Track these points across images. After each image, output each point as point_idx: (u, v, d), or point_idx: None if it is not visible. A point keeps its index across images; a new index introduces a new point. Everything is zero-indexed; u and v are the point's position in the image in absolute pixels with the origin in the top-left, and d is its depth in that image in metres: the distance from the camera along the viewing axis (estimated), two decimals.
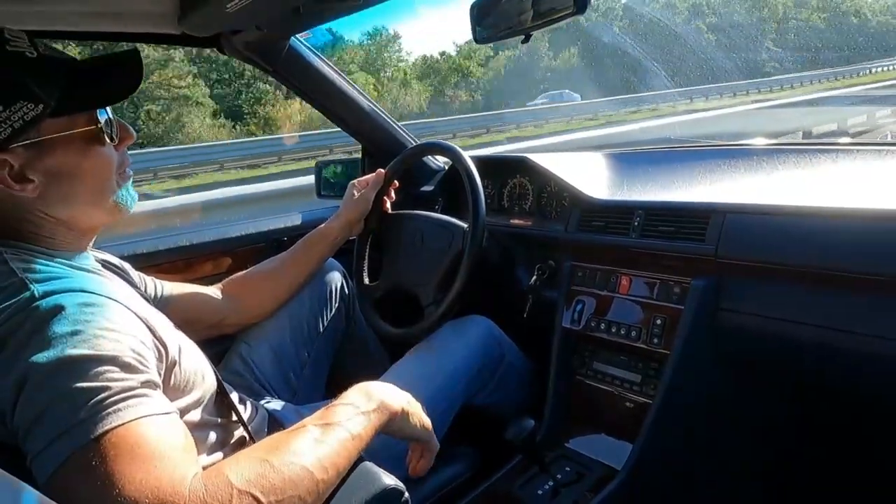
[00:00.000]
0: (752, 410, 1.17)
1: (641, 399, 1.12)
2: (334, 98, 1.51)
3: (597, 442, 1.15)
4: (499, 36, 1.10)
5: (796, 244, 0.95)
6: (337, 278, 1.28)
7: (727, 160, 1.30)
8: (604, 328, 1.17)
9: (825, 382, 1.07)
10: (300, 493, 0.60)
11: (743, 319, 1.02)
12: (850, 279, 0.89)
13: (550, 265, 1.32)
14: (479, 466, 1.13)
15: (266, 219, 1.54)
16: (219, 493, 0.55)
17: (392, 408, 0.78)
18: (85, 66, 0.72)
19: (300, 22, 1.25)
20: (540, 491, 1.05)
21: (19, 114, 0.64)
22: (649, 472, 1.05)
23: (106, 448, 0.54)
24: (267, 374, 1.15)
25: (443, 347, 1.18)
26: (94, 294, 0.63)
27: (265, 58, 1.36)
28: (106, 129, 0.72)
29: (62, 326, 0.58)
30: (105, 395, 0.56)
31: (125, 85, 0.73)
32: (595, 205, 1.24)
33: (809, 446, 1.22)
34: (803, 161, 1.19)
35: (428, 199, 1.62)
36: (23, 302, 0.60)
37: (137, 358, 0.61)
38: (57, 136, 0.68)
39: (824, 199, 0.97)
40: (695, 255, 1.05)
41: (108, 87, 0.72)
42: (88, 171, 0.72)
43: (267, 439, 0.67)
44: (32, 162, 0.67)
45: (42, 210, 0.70)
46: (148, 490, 0.53)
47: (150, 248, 1.31)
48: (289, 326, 1.19)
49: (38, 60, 0.67)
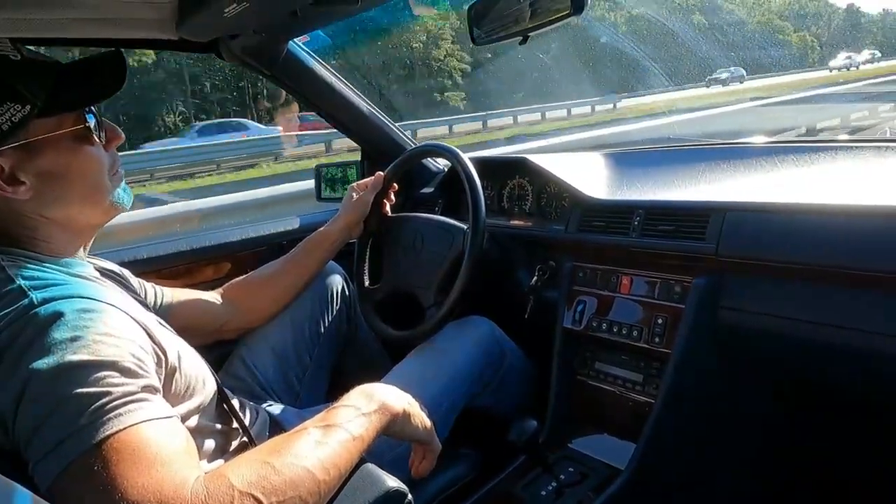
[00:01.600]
0: (755, 408, 1.17)
1: (644, 399, 1.12)
2: (333, 101, 1.51)
3: (600, 442, 1.15)
4: (496, 37, 1.10)
5: (797, 242, 0.94)
6: (338, 281, 1.28)
7: (727, 159, 1.30)
8: (605, 328, 1.17)
9: (827, 380, 1.07)
10: (301, 495, 0.60)
11: (744, 318, 1.02)
12: (851, 276, 0.89)
13: (551, 266, 1.32)
14: (482, 468, 1.13)
15: (266, 223, 1.54)
16: (220, 495, 0.55)
17: (394, 409, 0.78)
18: (69, 67, 0.72)
19: (298, 26, 1.26)
20: (543, 492, 1.04)
21: (7, 115, 0.65)
22: (653, 471, 1.05)
23: (107, 453, 0.54)
24: (269, 377, 1.15)
25: (444, 349, 1.18)
26: (93, 300, 0.63)
27: (263, 62, 1.36)
28: (94, 130, 0.73)
29: (61, 333, 0.58)
30: (105, 400, 0.56)
31: (110, 84, 0.74)
32: (595, 205, 1.24)
33: (811, 444, 1.22)
34: (803, 159, 1.19)
35: (427, 202, 1.62)
36: (21, 309, 0.60)
37: (137, 363, 0.61)
38: (45, 136, 0.69)
39: (824, 197, 0.97)
40: (695, 253, 1.05)
41: (94, 87, 0.73)
42: (79, 170, 0.72)
43: (268, 442, 0.67)
44: (23, 164, 0.68)
45: (37, 212, 0.71)
46: (150, 494, 0.53)
47: (149, 254, 1.31)
48: (290, 330, 1.19)
49: (23, 63, 0.68)
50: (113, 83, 0.74)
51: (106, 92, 0.74)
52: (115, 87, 0.74)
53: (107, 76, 0.74)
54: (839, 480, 1.22)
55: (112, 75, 0.74)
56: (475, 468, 1.13)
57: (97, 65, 0.74)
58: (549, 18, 0.98)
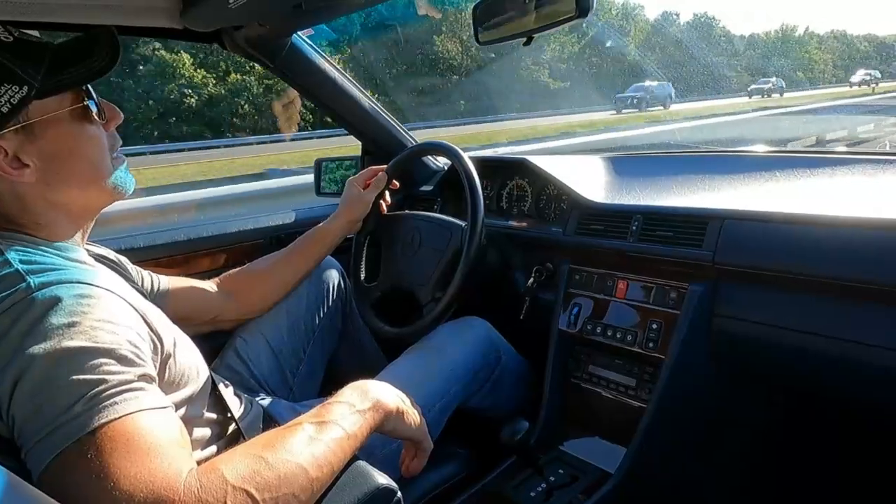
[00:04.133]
0: (747, 415, 1.17)
1: (636, 403, 1.12)
2: (335, 96, 1.51)
3: (591, 445, 1.15)
4: (501, 38, 1.10)
5: (794, 252, 0.95)
6: (335, 276, 1.28)
7: (727, 167, 1.31)
8: (600, 331, 1.17)
9: (820, 390, 1.08)
10: (294, 491, 0.60)
11: (739, 326, 1.02)
12: (846, 287, 0.89)
13: (548, 267, 1.32)
14: (473, 467, 1.13)
15: (264, 215, 1.54)
16: (213, 488, 0.55)
17: (387, 407, 0.78)
18: (63, 46, 0.72)
19: (302, 19, 1.25)
20: (533, 493, 1.05)
21: (5, 97, 0.65)
22: (643, 475, 1.05)
23: (101, 442, 0.54)
24: (263, 370, 1.15)
25: (439, 348, 1.18)
26: (91, 285, 0.63)
27: (266, 54, 1.36)
28: (93, 109, 0.73)
29: (59, 318, 0.58)
30: (101, 388, 0.56)
31: (105, 63, 0.73)
32: (594, 208, 1.24)
33: (804, 452, 1.22)
34: (802, 169, 1.19)
35: (427, 200, 1.62)
36: (19, 294, 0.60)
37: (134, 350, 0.61)
38: (45, 117, 0.68)
39: (822, 208, 0.97)
40: (692, 260, 1.05)
41: (89, 66, 0.72)
42: (81, 150, 0.72)
43: (262, 436, 0.67)
44: (25, 146, 0.68)
45: (41, 195, 0.70)
46: (142, 484, 0.53)
47: (147, 243, 1.31)
48: (286, 323, 1.19)
49: (16, 44, 0.67)
50: (108, 61, 0.74)
51: (101, 70, 0.73)
52: (110, 65, 0.74)
53: (101, 55, 0.73)
54: (831, 488, 1.22)
55: (106, 54, 0.74)
56: (466, 467, 1.13)
57: (91, 44, 0.74)
58: (553, 20, 0.98)
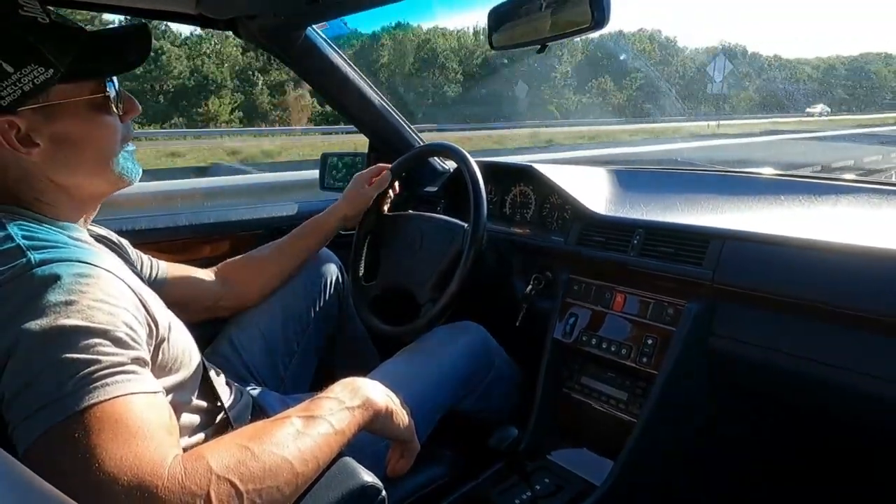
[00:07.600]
0: (737, 433, 1.17)
1: (626, 417, 1.12)
2: (345, 91, 1.51)
3: (578, 456, 1.15)
4: (515, 44, 1.10)
5: (794, 276, 0.95)
6: (333, 271, 1.28)
7: (731, 187, 1.31)
8: (594, 343, 1.17)
9: (816, 414, 1.08)
10: (279, 484, 0.60)
11: (734, 346, 1.02)
12: (844, 315, 0.89)
13: (547, 276, 1.32)
14: (460, 471, 1.13)
15: (265, 206, 1.55)
16: (197, 476, 0.55)
17: (376, 405, 0.78)
18: (96, 35, 0.73)
19: (317, 12, 1.26)
20: (517, 500, 1.04)
21: (29, 77, 0.65)
22: (628, 490, 1.05)
23: (89, 422, 0.54)
24: (255, 360, 1.14)
25: (433, 351, 1.18)
26: (91, 265, 0.63)
27: (280, 45, 1.36)
28: (113, 99, 0.73)
29: (57, 295, 0.58)
30: (94, 368, 0.56)
31: (134, 56, 0.74)
32: (596, 220, 1.24)
33: (795, 474, 1.22)
34: (807, 194, 1.19)
35: (430, 200, 1.62)
36: (18, 269, 0.60)
37: (129, 333, 0.61)
38: (65, 101, 0.69)
39: (824, 234, 0.97)
40: (691, 278, 1.05)
41: (118, 57, 0.73)
42: (93, 138, 0.73)
43: (250, 427, 0.67)
44: (39, 126, 0.68)
45: (46, 175, 0.71)
46: (127, 467, 0.53)
47: (149, 226, 1.31)
48: (281, 315, 1.19)
49: (51, 26, 0.68)
50: (137, 57, 0.75)
51: (129, 64, 0.75)
52: (139, 60, 0.75)
53: (131, 49, 0.74)
54: None
55: (136, 49, 0.75)
56: (452, 471, 1.13)
57: (123, 37, 0.75)
58: (568, 29, 0.98)
